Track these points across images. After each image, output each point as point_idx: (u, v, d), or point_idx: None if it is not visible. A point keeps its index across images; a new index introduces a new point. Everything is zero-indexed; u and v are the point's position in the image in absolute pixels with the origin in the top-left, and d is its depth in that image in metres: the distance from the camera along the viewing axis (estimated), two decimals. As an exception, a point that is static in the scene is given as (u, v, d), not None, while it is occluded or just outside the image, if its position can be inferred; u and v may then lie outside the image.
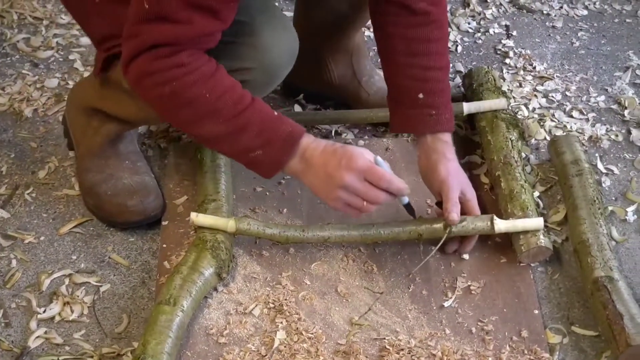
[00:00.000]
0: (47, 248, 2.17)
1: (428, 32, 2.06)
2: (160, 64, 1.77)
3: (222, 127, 1.84)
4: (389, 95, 2.15)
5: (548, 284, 2.10)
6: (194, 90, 1.80)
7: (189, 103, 1.82)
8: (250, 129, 1.85)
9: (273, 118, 1.87)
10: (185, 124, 1.90)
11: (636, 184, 2.33)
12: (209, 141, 1.93)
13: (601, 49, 2.82)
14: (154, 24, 1.74)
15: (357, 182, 1.87)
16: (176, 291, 1.92)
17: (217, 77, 1.83)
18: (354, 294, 2.05)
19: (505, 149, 2.27)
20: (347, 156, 1.87)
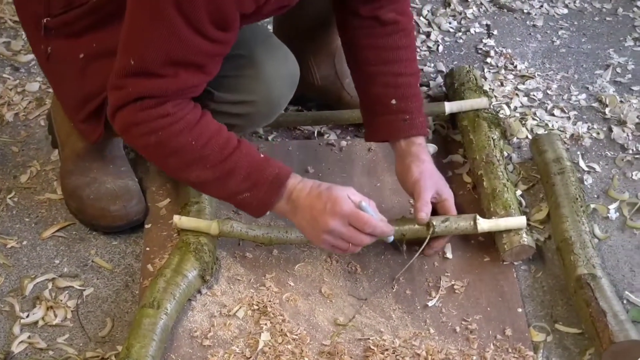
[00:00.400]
0: (29, 252, 2.17)
1: (397, 40, 2.09)
2: (146, 114, 1.78)
3: (209, 173, 1.85)
4: (362, 106, 2.18)
5: (531, 282, 2.10)
6: (180, 139, 1.81)
7: (175, 151, 1.83)
8: (238, 173, 1.85)
9: (259, 161, 1.88)
10: (173, 171, 1.91)
11: (618, 182, 2.34)
12: (197, 186, 1.94)
13: (582, 47, 2.83)
14: (139, 78, 1.75)
15: (341, 227, 1.88)
16: (160, 294, 1.92)
17: (203, 124, 1.84)
18: (338, 294, 2.05)
19: (487, 148, 2.27)
20: (332, 200, 1.87)
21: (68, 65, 2.00)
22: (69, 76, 2.01)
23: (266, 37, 2.06)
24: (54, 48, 2.01)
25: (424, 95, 2.60)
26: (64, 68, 2.02)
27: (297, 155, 2.38)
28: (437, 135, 2.47)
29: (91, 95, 1.99)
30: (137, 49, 1.73)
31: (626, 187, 2.33)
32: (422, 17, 2.93)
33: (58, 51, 2.01)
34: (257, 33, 2.02)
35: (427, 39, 2.84)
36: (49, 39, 2.01)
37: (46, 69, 2.10)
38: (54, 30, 1.99)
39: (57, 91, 2.14)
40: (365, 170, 2.35)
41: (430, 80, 2.66)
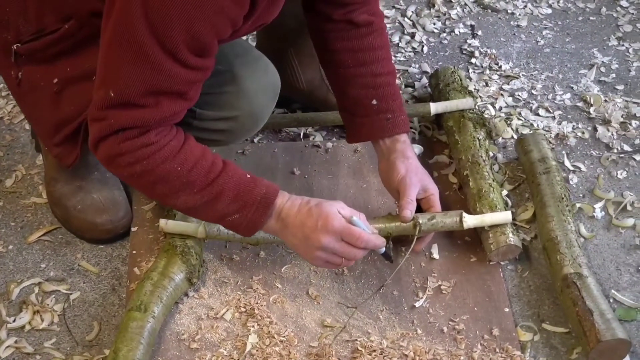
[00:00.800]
0: (15, 257, 2.16)
1: (372, 41, 2.09)
2: (129, 145, 1.76)
3: (197, 197, 1.83)
4: (342, 108, 2.17)
5: (518, 282, 2.11)
6: (166, 166, 1.79)
7: (162, 179, 1.81)
8: (225, 196, 1.84)
9: (247, 181, 1.86)
10: (160, 198, 1.88)
11: (603, 181, 2.35)
12: (185, 211, 1.92)
13: (566, 47, 2.83)
14: (120, 109, 1.72)
15: (334, 243, 1.86)
16: (147, 297, 1.91)
17: (187, 149, 1.82)
18: (325, 296, 2.05)
19: (473, 149, 2.28)
20: (323, 217, 1.85)
21: (41, 90, 1.97)
22: (42, 101, 1.98)
23: (245, 50, 2.05)
24: (25, 73, 1.98)
25: (409, 96, 2.61)
26: (36, 93, 1.99)
27: (282, 157, 2.38)
28: (422, 136, 2.48)
29: (67, 119, 1.97)
30: (115, 80, 1.70)
31: (611, 186, 2.34)
32: (407, 18, 2.94)
33: (29, 76, 1.98)
34: (235, 47, 2.01)
35: (411, 40, 2.85)
36: (19, 64, 1.98)
37: (17, 95, 2.05)
38: (25, 56, 1.96)
39: (29, 116, 2.10)
40: (352, 171, 2.35)
41: (415, 81, 2.67)
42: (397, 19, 2.93)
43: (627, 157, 2.43)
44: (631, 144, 2.46)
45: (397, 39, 2.84)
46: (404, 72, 2.71)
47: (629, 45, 2.83)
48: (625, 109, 2.57)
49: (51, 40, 1.91)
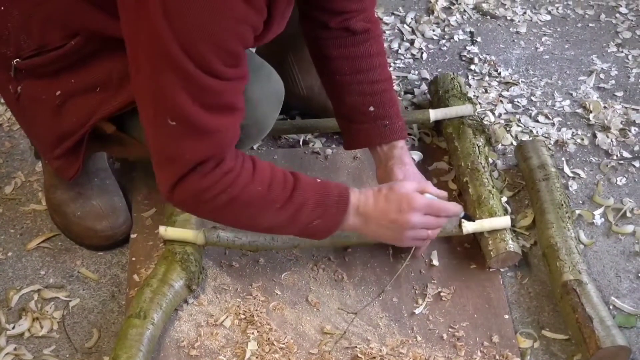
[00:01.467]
0: (15, 264, 2.16)
1: (369, 48, 2.10)
2: (211, 177, 1.75)
3: (281, 213, 1.84)
4: (339, 115, 2.18)
5: (518, 288, 2.10)
6: (248, 189, 1.80)
7: (247, 203, 1.81)
8: (307, 205, 1.86)
9: (321, 186, 1.89)
10: (247, 223, 1.89)
11: (602, 188, 2.35)
12: (269, 230, 1.94)
13: (565, 53, 2.83)
14: (188, 141, 1.70)
15: (421, 218, 1.93)
16: (146, 304, 1.91)
17: (259, 168, 1.83)
18: (325, 303, 2.05)
19: (472, 155, 2.28)
20: (405, 199, 1.91)
21: (42, 104, 1.95)
22: (42, 114, 1.97)
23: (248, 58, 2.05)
24: (24, 88, 1.96)
25: (408, 103, 2.61)
26: (36, 106, 1.97)
27: (282, 164, 2.38)
28: (422, 143, 2.48)
29: (69, 132, 1.96)
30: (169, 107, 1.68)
31: (611, 193, 2.34)
32: (406, 25, 2.94)
33: (30, 90, 1.96)
34: None
35: (411, 47, 2.85)
36: (19, 79, 1.96)
37: (16, 109, 2.03)
38: (25, 71, 1.94)
39: (28, 131, 2.08)
40: (351, 178, 2.35)
41: (415, 87, 2.67)
42: (397, 25, 2.93)
43: (627, 163, 2.43)
44: (630, 151, 2.46)
45: (396, 46, 2.84)
46: (403, 79, 2.71)
47: (628, 51, 2.84)
48: (624, 115, 2.57)
49: (55, 57, 1.89)
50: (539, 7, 3.03)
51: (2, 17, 1.90)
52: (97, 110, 1.91)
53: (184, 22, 1.58)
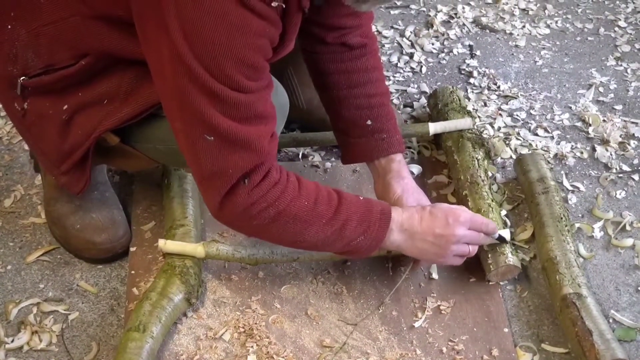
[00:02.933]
0: (14, 277, 2.16)
1: (366, 62, 2.12)
2: (259, 190, 1.77)
3: (327, 229, 1.86)
4: (336, 129, 2.19)
5: (517, 302, 2.10)
6: (296, 203, 1.81)
7: (294, 217, 1.82)
8: (352, 221, 1.87)
9: (363, 203, 1.90)
10: (292, 238, 1.89)
11: (602, 201, 2.35)
12: (314, 246, 1.93)
13: (564, 67, 2.84)
14: (228, 154, 1.73)
15: (466, 232, 1.97)
16: (145, 317, 1.91)
17: (304, 183, 1.85)
18: (324, 316, 2.05)
19: (471, 168, 2.28)
20: (452, 214, 1.95)
21: (48, 120, 1.95)
22: (49, 130, 1.96)
23: None
24: (31, 104, 1.95)
25: (407, 116, 2.61)
26: (43, 123, 1.96)
27: (282, 177, 2.38)
28: (421, 156, 2.48)
29: (75, 145, 1.96)
30: (203, 123, 1.70)
31: (610, 206, 2.34)
32: (405, 39, 2.95)
33: (36, 107, 1.95)
34: None
35: (410, 60, 2.85)
36: (25, 96, 1.95)
37: (22, 126, 2.02)
38: (32, 89, 1.93)
39: (34, 147, 2.07)
40: (350, 191, 2.34)
41: (414, 101, 2.67)
42: (396, 39, 2.94)
43: (626, 177, 2.43)
44: (630, 164, 2.46)
45: (395, 59, 2.85)
46: (402, 92, 2.71)
47: (627, 65, 2.84)
48: (623, 128, 2.57)
49: (64, 75, 1.89)
50: (538, 20, 3.04)
51: (9, 35, 1.89)
52: (103, 122, 1.91)
53: (204, 41, 1.61)
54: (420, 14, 3.06)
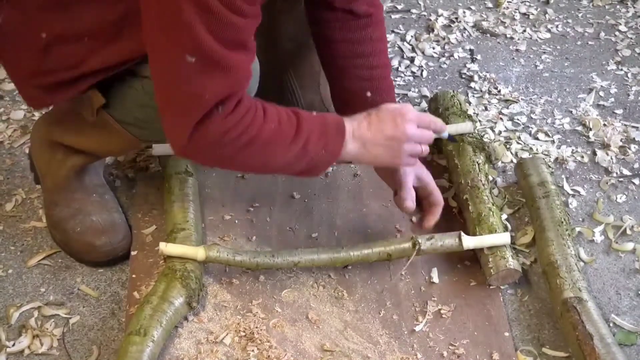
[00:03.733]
0: (15, 281, 2.16)
1: (371, 33, 2.11)
2: (233, 117, 1.75)
3: (292, 148, 1.85)
4: (336, 99, 2.19)
5: (518, 306, 2.10)
6: (265, 127, 1.80)
7: (265, 142, 1.81)
8: (313, 136, 1.86)
9: (319, 117, 1.90)
10: (262, 164, 1.88)
11: (602, 205, 2.35)
12: (282, 168, 1.92)
13: (565, 71, 2.84)
14: (207, 78, 1.69)
15: (415, 130, 1.96)
16: (146, 321, 1.91)
17: (267, 106, 1.84)
18: (325, 320, 2.05)
19: (472, 173, 2.28)
20: (398, 113, 1.94)
21: (24, 39, 1.90)
22: (25, 49, 1.91)
23: None
24: (6, 18, 1.90)
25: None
26: (19, 40, 1.91)
27: (282, 181, 2.38)
28: (422, 160, 2.48)
29: (49, 71, 1.92)
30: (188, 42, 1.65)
31: (611, 210, 2.34)
32: (406, 43, 2.95)
33: (11, 23, 1.90)
34: None
35: (411, 64, 2.86)
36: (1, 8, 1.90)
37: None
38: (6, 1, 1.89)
39: (4, 60, 2.02)
40: (351, 195, 2.35)
41: (415, 105, 2.67)
42: (397, 43, 2.94)
43: (627, 181, 2.43)
44: (630, 168, 2.47)
45: (396, 63, 2.85)
46: (403, 96, 2.71)
47: (627, 69, 2.84)
48: (624, 133, 2.57)
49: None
50: (538, 25, 3.04)
51: None
52: (87, 59, 1.87)
53: None
54: (421, 18, 3.07)
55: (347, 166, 2.43)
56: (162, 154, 2.31)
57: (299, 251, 2.09)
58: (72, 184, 2.22)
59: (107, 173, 2.39)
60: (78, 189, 2.22)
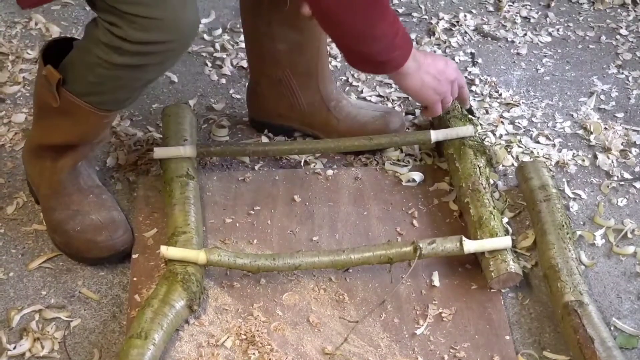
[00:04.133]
0: (16, 284, 2.16)
1: None
2: None
3: (391, 29, 2.03)
4: None
5: (519, 309, 2.10)
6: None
7: (376, 3, 1.97)
8: (400, 31, 2.05)
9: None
10: (363, 28, 1.99)
11: (603, 208, 2.35)
12: (373, 41, 2.03)
13: (566, 75, 2.84)
14: None
15: (460, 76, 2.32)
16: (147, 324, 1.91)
17: None
18: (326, 323, 2.05)
19: (473, 176, 2.28)
20: (451, 61, 2.30)
21: None
22: None
23: None
24: None
25: (409, 124, 2.61)
26: None
27: (283, 184, 2.38)
28: (423, 164, 2.48)
29: None
30: None
31: (612, 214, 2.34)
32: (407, 46, 2.95)
33: None
34: None
35: (412, 68, 2.85)
36: None
37: None
38: None
39: None
40: (352, 198, 2.35)
41: (416, 108, 2.67)
42: None
43: (628, 184, 2.43)
44: (631, 172, 2.47)
45: (397, 67, 2.85)
46: (404, 100, 2.71)
47: (628, 73, 2.84)
48: (625, 136, 2.57)
49: None
50: (539, 28, 3.04)
51: None
52: None
53: None
54: (422, 22, 3.07)
55: (348, 169, 2.43)
56: (163, 157, 2.31)
57: (299, 254, 2.09)
58: (67, 187, 2.22)
59: (108, 176, 2.40)
60: (74, 191, 2.22)
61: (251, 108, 2.55)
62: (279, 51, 2.38)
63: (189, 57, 2.85)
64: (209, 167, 2.45)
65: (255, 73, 2.49)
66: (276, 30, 2.34)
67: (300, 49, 2.38)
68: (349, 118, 2.47)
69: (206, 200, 2.32)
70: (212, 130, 2.57)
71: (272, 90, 2.45)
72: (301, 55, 2.40)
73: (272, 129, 2.56)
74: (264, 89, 2.47)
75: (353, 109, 2.48)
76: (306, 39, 2.35)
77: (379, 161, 2.48)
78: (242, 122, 2.60)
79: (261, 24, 2.36)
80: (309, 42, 2.37)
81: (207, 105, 2.68)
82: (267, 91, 2.46)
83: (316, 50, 2.40)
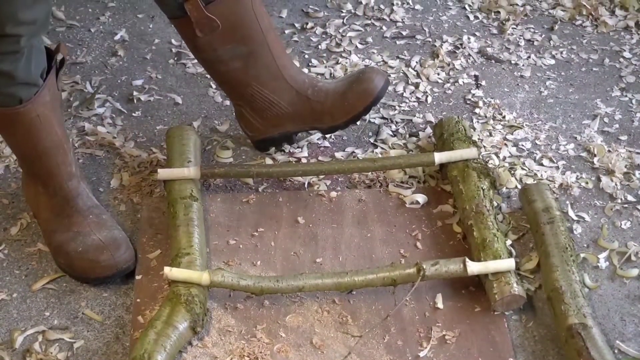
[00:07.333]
0: (19, 305, 2.16)
1: None
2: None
3: None
4: None
5: (522, 332, 2.10)
6: None
7: None
8: None
9: None
10: None
11: (607, 231, 2.35)
12: None
13: (569, 97, 2.85)
14: None
15: None
16: (150, 346, 1.91)
17: None
18: (329, 345, 2.05)
19: (477, 198, 2.28)
20: None
21: None
22: None
23: None
24: None
25: (413, 145, 2.61)
26: None
27: (287, 206, 2.39)
28: (426, 186, 2.48)
29: None
30: None
31: (615, 236, 2.34)
32: (411, 69, 2.96)
33: None
34: None
35: (416, 90, 2.86)
36: None
37: None
38: None
39: None
40: (356, 220, 2.35)
41: (420, 130, 2.68)
42: (402, 69, 2.95)
43: (631, 207, 2.43)
44: (635, 194, 2.47)
45: (401, 89, 2.86)
46: (408, 122, 2.72)
47: (632, 95, 2.85)
48: (628, 159, 2.58)
49: None
50: (543, 51, 3.05)
51: None
52: None
53: None
54: (426, 44, 3.08)
55: (351, 191, 2.43)
56: (167, 179, 2.32)
57: (303, 276, 2.09)
58: (66, 209, 2.23)
59: (112, 197, 2.40)
60: (73, 213, 2.23)
61: (246, 130, 2.56)
62: (237, 70, 2.39)
63: (193, 79, 2.86)
64: (212, 189, 2.45)
65: (232, 98, 2.50)
66: (221, 52, 2.34)
67: (254, 58, 2.38)
68: (329, 95, 2.47)
69: (210, 222, 2.32)
70: (216, 151, 2.58)
71: (252, 107, 2.46)
72: (257, 63, 2.39)
73: (274, 141, 2.56)
74: (246, 109, 2.48)
75: (330, 85, 2.48)
76: (252, 45, 2.35)
77: (383, 183, 2.48)
78: (246, 144, 2.60)
79: (206, 54, 2.37)
80: (256, 47, 2.37)
81: (211, 126, 2.68)
82: (250, 110, 2.48)
83: (267, 50, 2.39)
